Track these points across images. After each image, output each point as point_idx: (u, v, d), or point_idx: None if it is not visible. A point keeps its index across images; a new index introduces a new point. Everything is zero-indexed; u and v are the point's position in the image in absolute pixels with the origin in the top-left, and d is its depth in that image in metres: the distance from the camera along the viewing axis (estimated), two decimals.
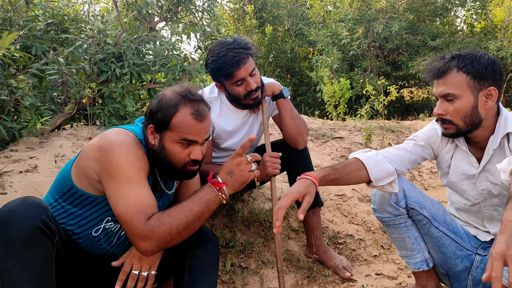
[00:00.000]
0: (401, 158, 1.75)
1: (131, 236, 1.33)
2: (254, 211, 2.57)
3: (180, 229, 1.35)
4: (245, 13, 11.14)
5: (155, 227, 1.32)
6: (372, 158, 1.69)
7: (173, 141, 1.43)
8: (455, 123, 1.61)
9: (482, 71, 1.53)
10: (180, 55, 4.65)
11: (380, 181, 1.68)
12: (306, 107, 10.67)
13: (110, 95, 3.90)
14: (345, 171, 1.64)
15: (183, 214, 1.36)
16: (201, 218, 1.40)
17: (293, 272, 2.23)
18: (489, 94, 1.56)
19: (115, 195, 1.34)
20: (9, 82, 3.09)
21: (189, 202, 1.40)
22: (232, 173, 1.46)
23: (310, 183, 1.51)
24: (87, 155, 1.42)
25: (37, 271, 1.18)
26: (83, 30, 4.13)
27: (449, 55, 1.61)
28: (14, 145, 3.13)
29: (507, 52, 8.36)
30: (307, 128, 2.22)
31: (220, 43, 2.00)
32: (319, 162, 3.65)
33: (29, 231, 1.18)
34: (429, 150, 1.81)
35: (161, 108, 1.43)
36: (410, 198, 1.74)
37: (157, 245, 1.34)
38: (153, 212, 1.36)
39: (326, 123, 5.55)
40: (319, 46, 9.66)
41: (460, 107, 1.57)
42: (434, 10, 9.78)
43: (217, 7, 6.51)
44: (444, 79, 1.58)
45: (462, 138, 1.71)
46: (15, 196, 2.22)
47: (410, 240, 1.81)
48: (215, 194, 1.42)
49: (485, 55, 1.57)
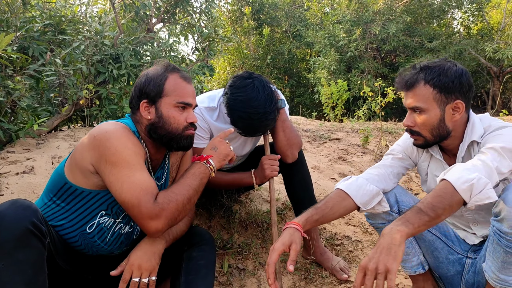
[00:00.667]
0: (383, 176, 1.75)
1: (141, 218, 1.34)
2: (251, 212, 2.57)
3: (184, 203, 1.42)
4: (242, 15, 11.15)
5: (164, 204, 1.36)
6: (353, 184, 1.67)
7: (170, 107, 1.51)
8: (422, 135, 1.61)
9: (449, 85, 1.52)
10: (178, 56, 4.66)
11: (367, 204, 1.67)
12: (303, 108, 10.68)
13: (108, 97, 3.89)
14: (327, 207, 1.61)
15: (185, 189, 1.44)
16: (198, 192, 1.49)
17: (290, 274, 2.23)
18: (456, 107, 1.56)
19: (118, 180, 1.35)
20: (6, 83, 3.08)
21: (186, 178, 1.48)
22: (216, 148, 1.60)
23: (293, 231, 1.50)
24: (80, 149, 1.43)
25: (30, 273, 1.18)
26: (80, 32, 4.13)
27: (419, 66, 1.61)
28: (11, 147, 3.13)
29: (503, 54, 8.40)
30: (300, 142, 2.13)
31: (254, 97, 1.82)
32: (316, 163, 3.66)
33: (20, 233, 1.17)
34: (408, 161, 1.83)
35: (150, 80, 1.51)
36: (402, 202, 1.75)
37: (168, 223, 1.38)
38: (156, 191, 1.40)
39: (324, 124, 5.56)
40: (316, 48, 9.68)
41: (427, 120, 1.57)
42: (431, 12, 9.82)
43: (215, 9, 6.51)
44: (412, 92, 1.58)
45: (436, 147, 1.72)
46: (12, 197, 2.21)
47: (405, 244, 1.81)
48: (205, 167, 1.53)
49: (453, 66, 1.56)
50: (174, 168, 1.70)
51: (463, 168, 1.36)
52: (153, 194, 1.37)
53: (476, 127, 1.58)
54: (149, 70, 1.56)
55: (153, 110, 1.51)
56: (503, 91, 10.81)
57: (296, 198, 2.21)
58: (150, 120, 1.51)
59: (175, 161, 1.70)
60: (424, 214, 1.31)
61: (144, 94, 1.51)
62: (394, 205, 1.74)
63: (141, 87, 1.52)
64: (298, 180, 2.18)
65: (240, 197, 2.69)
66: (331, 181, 3.32)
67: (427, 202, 1.32)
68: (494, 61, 9.91)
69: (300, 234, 1.51)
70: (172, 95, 1.51)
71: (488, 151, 1.43)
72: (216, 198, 2.50)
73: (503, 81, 10.13)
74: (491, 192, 1.31)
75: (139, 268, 1.42)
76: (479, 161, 1.40)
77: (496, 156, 1.40)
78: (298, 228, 1.51)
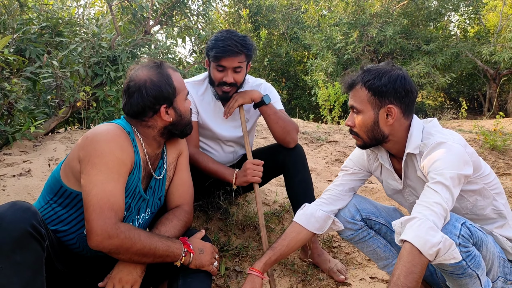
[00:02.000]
0: (335, 197, 1.83)
1: (93, 227, 1.31)
2: (248, 215, 2.57)
3: (137, 253, 1.37)
4: (240, 17, 11.18)
5: (122, 233, 1.33)
6: (304, 214, 1.80)
7: (182, 101, 1.59)
8: (360, 136, 1.65)
9: (382, 89, 1.54)
10: (175, 58, 4.66)
11: (322, 228, 1.79)
12: (300, 110, 10.70)
13: (105, 99, 3.89)
14: (283, 245, 1.74)
15: (149, 243, 1.38)
16: (154, 259, 1.42)
17: (288, 276, 2.23)
18: (389, 112, 1.57)
19: (91, 182, 1.35)
20: (2, 85, 3.07)
21: (160, 238, 1.43)
22: (202, 252, 1.53)
23: (254, 278, 1.65)
24: (73, 150, 1.45)
25: (28, 275, 1.17)
26: (77, 34, 4.13)
27: (363, 68, 1.64)
28: (8, 149, 3.12)
29: (500, 57, 8.44)
30: (296, 126, 2.21)
31: (230, 30, 2.09)
32: (314, 166, 3.66)
33: (18, 235, 1.16)
34: (362, 173, 1.86)
35: (160, 85, 1.51)
36: (363, 210, 1.81)
37: (110, 248, 1.34)
38: (122, 217, 1.38)
39: (321, 127, 5.57)
40: (314, 50, 9.71)
41: (362, 122, 1.60)
42: (428, 15, 9.87)
43: (212, 11, 6.52)
44: (352, 92, 1.63)
45: (386, 154, 1.74)
46: (8, 200, 2.21)
47: (381, 249, 1.85)
48: (179, 252, 1.46)
49: (392, 71, 1.56)
50: (171, 168, 1.70)
51: (427, 227, 1.34)
52: (117, 213, 1.35)
53: (413, 138, 1.58)
54: (149, 76, 1.51)
55: (172, 111, 1.55)
56: (499, 94, 10.86)
57: (296, 199, 2.21)
58: (171, 121, 1.55)
59: (172, 160, 1.70)
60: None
61: (161, 99, 1.51)
62: (356, 214, 1.81)
63: (156, 94, 1.49)
64: (299, 181, 2.18)
65: (237, 199, 2.69)
66: (329, 184, 3.33)
67: (402, 284, 1.30)
68: (490, 64, 9.97)
69: (261, 280, 1.66)
70: (181, 90, 1.58)
71: (438, 188, 1.41)
72: (214, 200, 2.50)
73: (500, 84, 10.19)
74: (455, 253, 1.34)
75: (120, 281, 1.41)
76: (435, 206, 1.38)
77: (447, 194, 1.40)
78: (258, 274, 1.66)
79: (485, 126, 5.69)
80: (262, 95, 2.15)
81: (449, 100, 13.30)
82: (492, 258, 1.51)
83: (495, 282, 1.56)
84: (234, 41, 2.02)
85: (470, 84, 12.32)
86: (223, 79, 2.07)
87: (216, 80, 2.09)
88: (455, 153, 1.46)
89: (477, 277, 1.43)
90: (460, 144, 1.50)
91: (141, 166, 1.53)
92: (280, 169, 2.25)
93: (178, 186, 1.69)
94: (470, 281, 1.44)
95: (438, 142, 1.50)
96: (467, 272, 1.41)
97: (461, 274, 1.42)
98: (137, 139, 1.54)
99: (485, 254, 1.48)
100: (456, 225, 1.41)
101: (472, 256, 1.40)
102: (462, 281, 1.45)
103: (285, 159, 2.20)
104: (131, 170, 1.47)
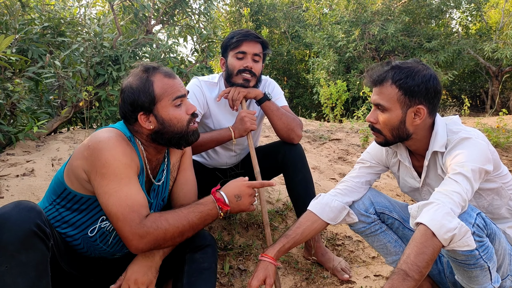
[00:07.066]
0: (351, 189, 1.80)
1: (123, 234, 1.33)
2: (252, 213, 2.57)
3: (174, 236, 1.37)
4: (241, 16, 11.17)
5: (150, 228, 1.33)
6: (319, 203, 1.77)
7: (168, 108, 1.47)
8: (383, 133, 1.62)
9: (414, 88, 1.51)
10: (177, 58, 4.66)
11: (336, 219, 1.76)
12: (303, 109, 10.70)
13: (107, 98, 3.89)
14: (297, 233, 1.70)
15: (180, 222, 1.38)
16: (196, 229, 1.42)
17: (292, 274, 2.23)
18: (417, 112, 1.55)
19: (105, 193, 1.34)
20: (5, 85, 3.08)
21: (189, 210, 1.41)
22: (240, 198, 1.49)
23: (267, 265, 1.59)
24: (76, 155, 1.43)
25: (33, 275, 1.17)
26: (79, 33, 4.13)
27: (390, 64, 1.60)
28: (11, 149, 3.12)
29: (502, 54, 8.42)
30: (300, 122, 2.21)
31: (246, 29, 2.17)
32: (316, 164, 3.66)
33: (23, 234, 1.16)
34: (379, 167, 1.85)
35: (138, 92, 1.45)
36: (377, 203, 1.79)
37: (149, 247, 1.35)
38: (146, 212, 1.37)
39: (323, 125, 5.57)
40: (315, 49, 9.69)
41: (388, 120, 1.56)
42: (429, 12, 9.84)
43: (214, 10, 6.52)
44: (379, 88, 1.57)
45: (406, 152, 1.72)
46: (12, 200, 2.21)
47: (391, 244, 1.84)
48: (216, 212, 1.45)
49: (423, 70, 1.53)
50: (175, 168, 1.70)
51: (444, 212, 1.32)
52: (139, 213, 1.34)
53: (439, 137, 1.57)
54: (131, 82, 1.48)
55: (153, 118, 1.47)
56: (502, 91, 10.83)
57: (297, 198, 2.21)
58: (153, 129, 1.48)
59: (175, 161, 1.70)
60: (410, 280, 1.28)
61: (138, 107, 1.45)
62: (370, 207, 1.79)
63: (131, 101, 1.45)
64: (299, 180, 2.18)
65: None
66: (332, 182, 3.32)
67: (411, 262, 1.29)
68: (492, 61, 9.94)
69: (274, 266, 1.61)
70: (165, 96, 1.46)
71: (459, 178, 1.41)
72: None
73: (502, 81, 10.16)
74: (470, 240, 1.32)
75: (135, 283, 1.41)
76: (455, 195, 1.37)
77: (468, 185, 1.39)
78: (271, 261, 1.61)
79: (488, 123, 5.68)
80: (264, 93, 2.16)
81: (451, 98, 13.28)
82: (504, 253, 1.50)
83: (504, 280, 1.55)
84: (253, 33, 2.11)
85: (472, 81, 12.30)
86: (244, 66, 2.09)
87: (236, 68, 2.10)
88: (479, 148, 1.47)
89: (488, 269, 1.42)
90: (484, 141, 1.50)
91: (144, 170, 1.53)
92: (279, 169, 2.25)
93: (182, 185, 1.69)
94: (481, 274, 1.43)
95: (463, 138, 1.51)
96: (479, 263, 1.39)
97: (473, 264, 1.40)
98: (137, 143, 1.52)
99: (497, 248, 1.47)
100: (471, 214, 1.40)
101: (485, 246, 1.39)
102: (472, 273, 1.43)
103: (284, 158, 2.19)
104: (138, 172, 1.46)
